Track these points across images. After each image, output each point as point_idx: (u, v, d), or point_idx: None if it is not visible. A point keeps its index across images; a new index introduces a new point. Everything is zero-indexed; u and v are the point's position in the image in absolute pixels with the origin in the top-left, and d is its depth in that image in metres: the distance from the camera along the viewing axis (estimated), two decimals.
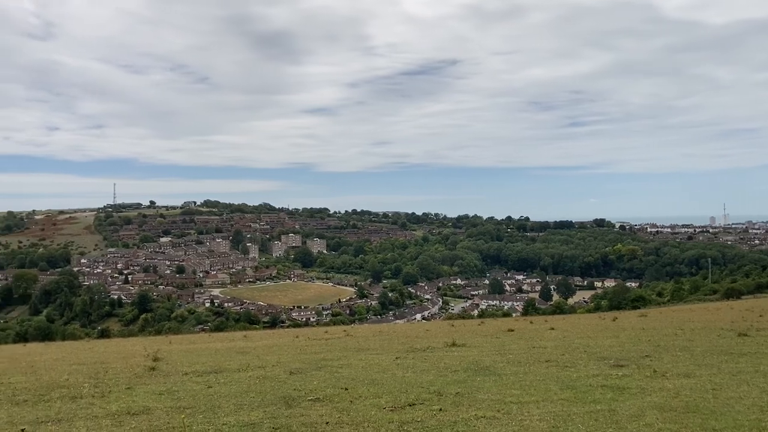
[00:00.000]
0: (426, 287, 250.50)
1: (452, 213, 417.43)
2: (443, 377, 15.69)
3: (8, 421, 11.94)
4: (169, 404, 13.19)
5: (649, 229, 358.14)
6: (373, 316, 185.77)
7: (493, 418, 10.94)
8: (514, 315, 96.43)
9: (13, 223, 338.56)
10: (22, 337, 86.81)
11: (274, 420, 11.26)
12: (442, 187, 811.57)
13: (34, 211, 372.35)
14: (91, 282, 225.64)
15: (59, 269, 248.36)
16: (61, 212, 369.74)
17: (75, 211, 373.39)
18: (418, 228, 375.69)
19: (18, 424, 11.60)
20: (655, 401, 12.03)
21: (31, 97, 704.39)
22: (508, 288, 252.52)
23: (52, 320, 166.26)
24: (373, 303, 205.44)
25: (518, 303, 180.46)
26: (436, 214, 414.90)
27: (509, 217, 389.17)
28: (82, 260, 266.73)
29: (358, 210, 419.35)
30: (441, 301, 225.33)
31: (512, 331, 31.35)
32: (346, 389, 14.19)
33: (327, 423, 10.92)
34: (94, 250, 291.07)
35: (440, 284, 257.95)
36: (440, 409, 11.72)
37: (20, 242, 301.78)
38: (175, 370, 18.91)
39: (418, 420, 10.93)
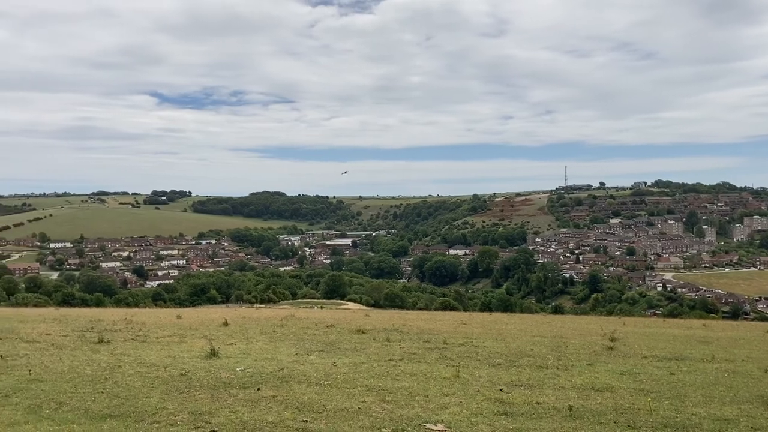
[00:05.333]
0: None
1: None
2: None
3: (488, 380, 13.59)
4: (632, 385, 13.19)
5: None
6: None
7: None
8: None
9: (478, 204, 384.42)
10: (487, 307, 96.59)
11: (752, 420, 10.26)
12: None
13: (494, 194, 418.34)
14: (545, 260, 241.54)
15: (516, 247, 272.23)
16: (518, 194, 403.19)
17: (530, 194, 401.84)
18: None
19: (497, 384, 13.11)
20: None
21: (487, 91, 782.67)
22: None
23: (510, 293, 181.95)
24: None
25: None
26: None
27: None
28: (537, 239, 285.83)
29: None
30: None
31: None
32: None
33: None
34: (547, 229, 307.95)
35: None
36: None
37: (483, 222, 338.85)
38: (633, 352, 18.78)
39: None
